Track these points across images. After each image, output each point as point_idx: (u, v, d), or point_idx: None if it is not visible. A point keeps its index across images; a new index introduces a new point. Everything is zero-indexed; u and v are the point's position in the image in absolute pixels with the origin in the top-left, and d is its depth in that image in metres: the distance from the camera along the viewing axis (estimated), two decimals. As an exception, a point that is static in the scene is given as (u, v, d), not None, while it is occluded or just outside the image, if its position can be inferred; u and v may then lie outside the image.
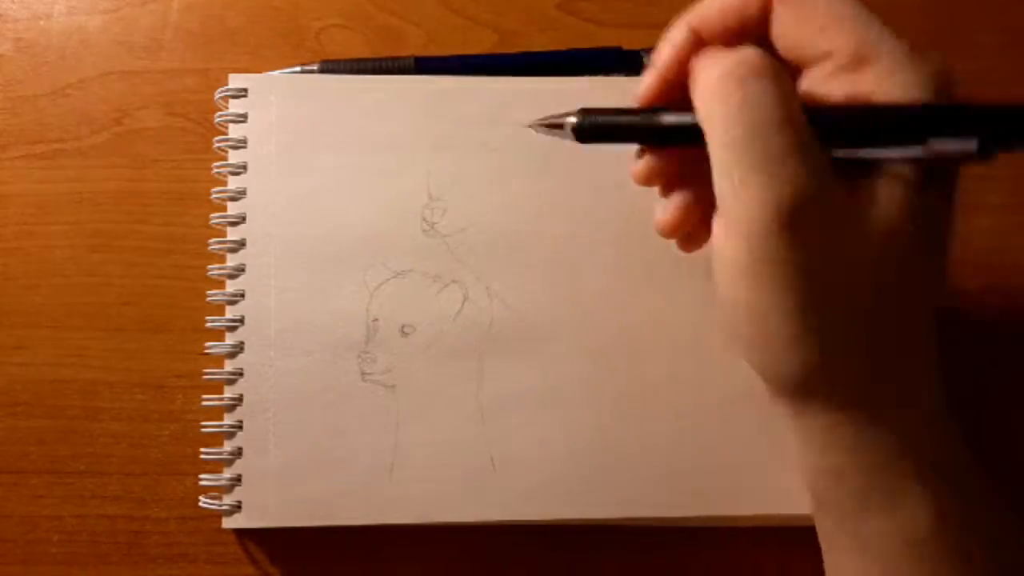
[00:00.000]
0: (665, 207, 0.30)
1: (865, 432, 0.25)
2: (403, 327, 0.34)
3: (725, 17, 0.26)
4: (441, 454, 0.33)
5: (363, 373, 0.34)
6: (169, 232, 0.37)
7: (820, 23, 0.25)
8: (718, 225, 0.25)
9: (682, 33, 0.27)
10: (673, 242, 0.33)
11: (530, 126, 0.32)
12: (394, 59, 0.37)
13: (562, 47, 0.38)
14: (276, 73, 0.37)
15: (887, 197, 0.24)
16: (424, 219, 0.34)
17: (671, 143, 0.28)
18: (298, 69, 0.37)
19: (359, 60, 0.37)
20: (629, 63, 0.37)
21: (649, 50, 0.38)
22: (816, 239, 0.23)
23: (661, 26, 0.33)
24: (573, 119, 0.29)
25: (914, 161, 0.24)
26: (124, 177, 0.37)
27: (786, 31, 0.26)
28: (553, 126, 0.31)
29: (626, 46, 0.38)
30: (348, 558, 0.35)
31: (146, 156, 0.37)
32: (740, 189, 0.24)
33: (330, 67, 0.37)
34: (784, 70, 0.25)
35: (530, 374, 0.34)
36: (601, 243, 0.35)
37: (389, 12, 0.39)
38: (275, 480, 0.33)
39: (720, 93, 0.24)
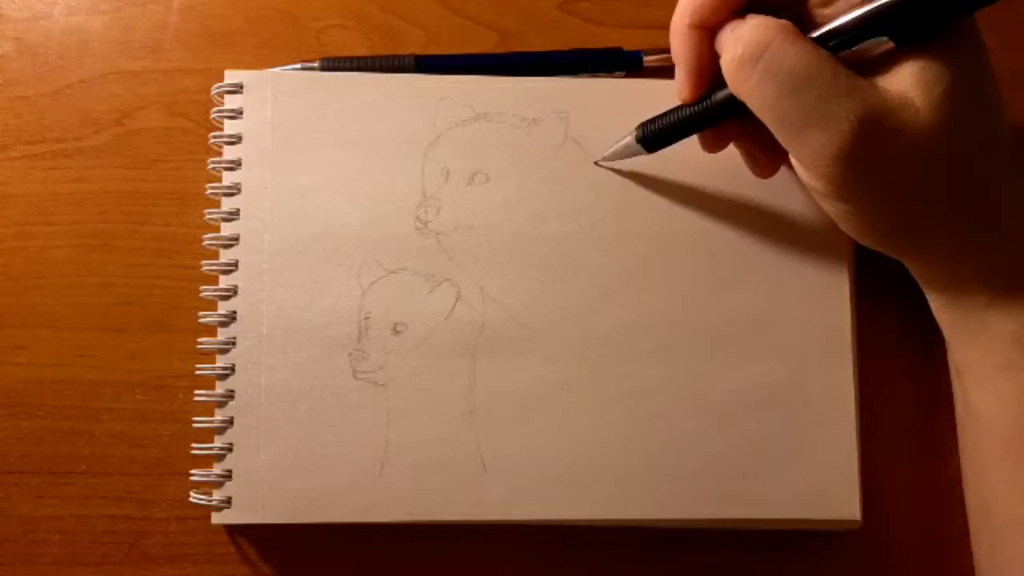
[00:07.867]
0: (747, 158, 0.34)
1: (944, 275, 0.30)
2: (395, 325, 0.34)
3: None
4: (432, 453, 0.33)
5: (354, 370, 0.34)
6: (170, 232, 0.37)
7: None
8: (796, 168, 0.30)
9: (682, 30, 0.30)
10: (665, 243, 0.34)
11: (598, 163, 0.35)
12: (395, 57, 0.37)
13: (562, 47, 0.38)
14: (274, 69, 0.37)
15: (908, 79, 0.27)
16: (418, 218, 0.34)
17: (721, 121, 0.31)
18: (299, 66, 0.37)
19: (360, 58, 0.37)
20: (629, 63, 0.37)
21: (649, 51, 0.38)
22: (873, 155, 0.27)
23: (661, 27, 0.33)
24: (634, 134, 0.33)
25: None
26: (124, 177, 0.37)
27: None
28: (618, 154, 0.34)
29: (626, 46, 0.38)
30: (344, 558, 0.35)
31: (147, 156, 0.37)
32: (798, 146, 0.28)
33: (331, 64, 0.37)
34: (783, 27, 0.27)
35: (522, 374, 0.34)
36: (595, 244, 0.35)
37: (389, 12, 0.39)
38: (265, 476, 0.33)
39: (742, 78, 0.28)
